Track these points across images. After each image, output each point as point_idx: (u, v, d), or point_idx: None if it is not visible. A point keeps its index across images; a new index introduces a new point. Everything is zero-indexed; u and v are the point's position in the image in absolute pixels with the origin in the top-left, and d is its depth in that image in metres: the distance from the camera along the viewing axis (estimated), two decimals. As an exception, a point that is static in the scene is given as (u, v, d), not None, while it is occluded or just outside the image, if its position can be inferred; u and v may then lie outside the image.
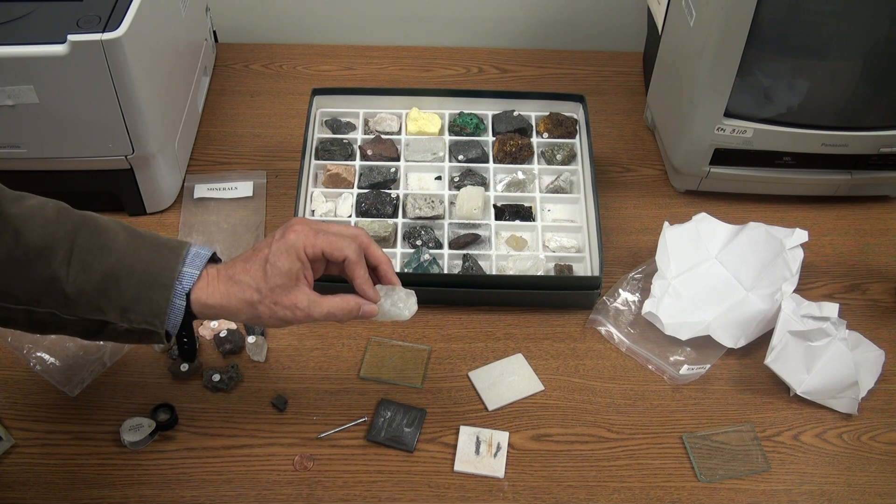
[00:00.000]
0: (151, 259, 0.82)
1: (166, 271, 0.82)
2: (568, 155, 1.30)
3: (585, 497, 0.98)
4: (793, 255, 1.13)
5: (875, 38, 1.10)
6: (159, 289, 0.81)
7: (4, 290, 0.80)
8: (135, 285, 0.81)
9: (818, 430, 1.05)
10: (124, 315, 0.82)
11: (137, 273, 0.81)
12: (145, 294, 0.81)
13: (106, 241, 0.82)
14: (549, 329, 1.14)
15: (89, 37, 1.02)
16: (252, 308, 0.83)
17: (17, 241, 0.79)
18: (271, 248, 0.83)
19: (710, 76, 1.14)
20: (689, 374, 1.09)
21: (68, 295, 0.80)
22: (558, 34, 1.64)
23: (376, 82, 1.49)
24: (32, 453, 1.00)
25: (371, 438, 1.02)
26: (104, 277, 0.81)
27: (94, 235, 0.82)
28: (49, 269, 0.80)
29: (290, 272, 0.83)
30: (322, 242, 0.84)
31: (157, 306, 0.81)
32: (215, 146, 1.36)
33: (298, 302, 0.84)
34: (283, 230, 0.85)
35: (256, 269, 0.83)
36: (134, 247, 0.83)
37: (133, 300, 0.81)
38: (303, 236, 0.84)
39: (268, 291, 0.83)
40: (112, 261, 0.81)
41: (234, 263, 0.85)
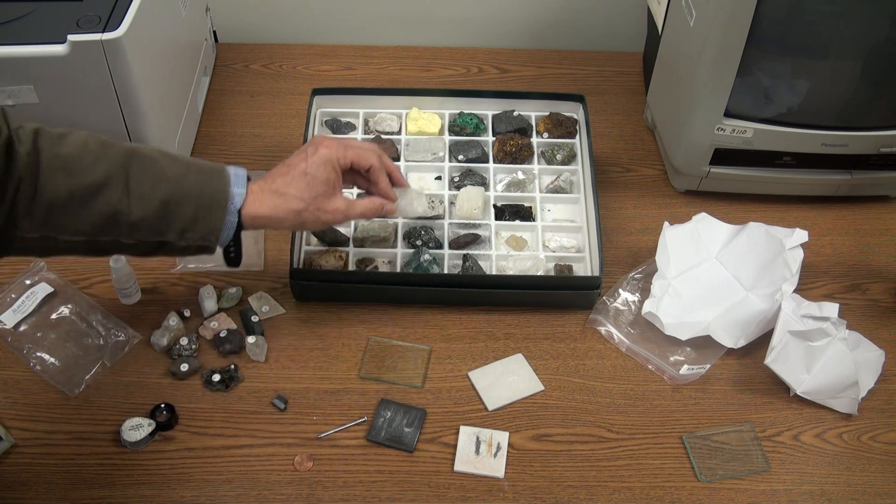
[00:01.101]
0: (202, 183, 0.92)
1: (220, 193, 0.92)
2: (568, 155, 1.30)
3: (585, 497, 0.98)
4: (793, 255, 1.13)
5: (875, 38, 1.10)
6: (215, 210, 0.92)
7: (69, 226, 0.86)
8: (192, 209, 0.90)
9: (818, 430, 1.05)
10: (183, 235, 0.91)
11: (193, 198, 0.91)
12: (202, 215, 0.91)
13: (157, 171, 0.90)
14: (549, 329, 1.14)
15: (89, 37, 1.02)
16: (298, 216, 0.96)
17: (73, 180, 0.85)
18: (308, 162, 0.97)
19: (710, 76, 1.14)
20: (689, 374, 1.09)
21: (131, 223, 0.88)
22: (558, 34, 1.64)
23: (376, 82, 1.49)
24: (32, 453, 1.00)
25: (371, 438, 1.02)
26: (162, 204, 0.89)
27: (145, 166, 0.89)
28: (110, 202, 0.86)
29: (329, 181, 0.98)
30: (351, 155, 1.00)
31: (214, 225, 0.92)
32: (215, 146, 1.36)
33: (338, 206, 0.99)
34: (314, 146, 0.98)
35: (299, 182, 0.96)
36: (183, 173, 0.91)
37: (191, 221, 0.91)
38: (335, 150, 0.98)
39: (311, 200, 0.96)
40: (167, 188, 0.89)
41: (274, 179, 0.97)
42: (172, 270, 1.18)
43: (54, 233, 0.86)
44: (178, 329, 1.10)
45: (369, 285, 1.13)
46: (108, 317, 1.11)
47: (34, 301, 1.12)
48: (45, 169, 0.84)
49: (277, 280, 1.18)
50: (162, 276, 1.17)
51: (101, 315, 1.11)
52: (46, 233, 0.86)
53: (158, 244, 0.91)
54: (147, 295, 1.15)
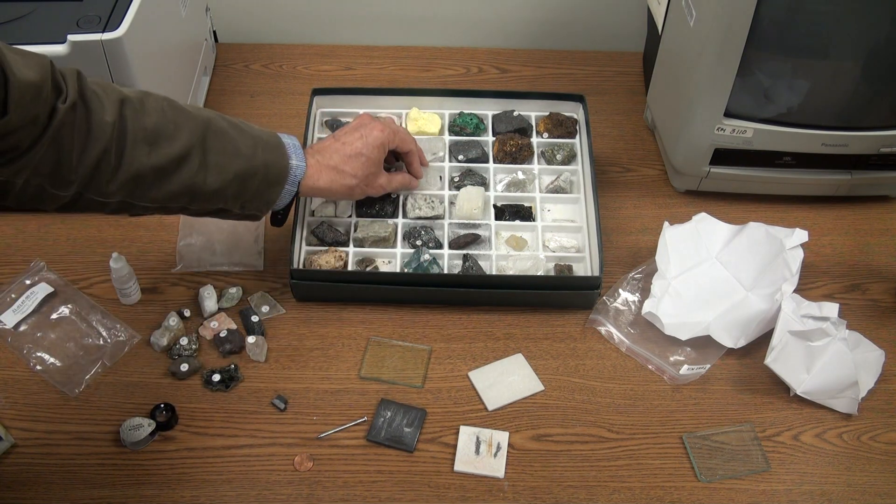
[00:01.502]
0: (269, 159, 0.99)
1: (282, 170, 1.01)
2: (568, 155, 1.30)
3: (585, 497, 0.98)
4: (793, 255, 1.13)
5: (875, 38, 1.10)
6: (276, 185, 1.01)
7: (149, 194, 0.92)
8: (258, 184, 0.99)
9: (818, 430, 1.05)
10: (243, 206, 1.00)
11: (261, 174, 0.99)
12: (264, 189, 1.00)
13: (231, 145, 0.96)
14: (549, 329, 1.14)
15: (89, 37, 1.02)
16: (350, 190, 1.10)
17: (157, 153, 0.90)
18: (365, 142, 1.08)
19: (710, 76, 1.14)
20: (689, 374, 1.09)
21: (206, 194, 0.95)
22: (558, 34, 1.64)
23: (376, 82, 1.49)
24: (32, 453, 1.00)
25: (371, 438, 1.02)
26: (235, 178, 0.96)
27: (220, 138, 0.95)
28: (188, 174, 0.93)
29: (379, 161, 1.11)
30: (398, 140, 1.14)
31: (271, 198, 1.02)
32: (215, 146, 1.36)
33: (382, 182, 1.13)
34: (369, 129, 1.09)
35: (355, 161, 1.08)
36: (253, 148, 0.98)
37: (254, 195, 1.00)
38: (387, 134, 1.10)
39: (363, 178, 1.09)
40: (241, 163, 0.97)
41: (331, 154, 1.07)
42: (172, 270, 1.18)
43: (133, 199, 0.92)
44: (178, 329, 1.10)
45: (369, 285, 1.13)
46: (108, 317, 1.11)
47: (34, 301, 1.12)
48: (130, 141, 0.88)
49: (277, 280, 1.18)
50: (162, 276, 1.17)
51: (101, 315, 1.12)
52: (125, 199, 0.91)
53: (217, 210, 0.99)
54: (147, 295, 1.15)
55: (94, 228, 1.23)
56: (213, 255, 1.20)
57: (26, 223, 1.23)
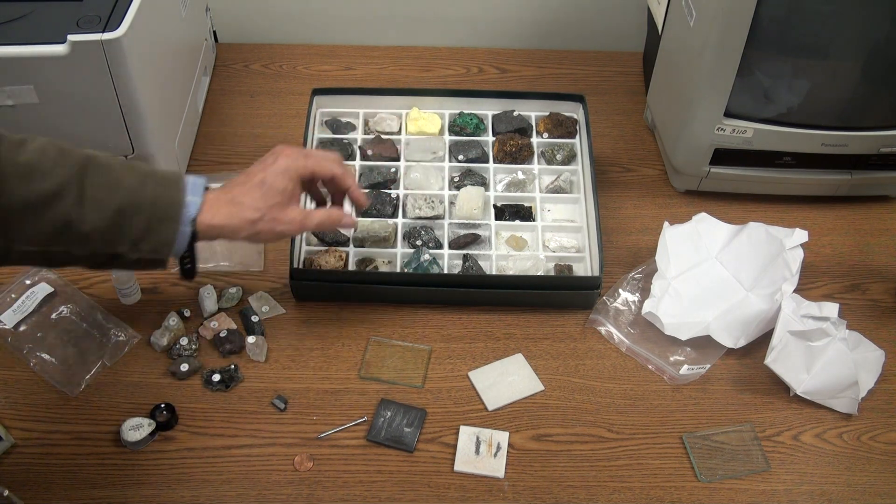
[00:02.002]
0: (158, 194, 0.88)
1: (174, 204, 0.89)
2: (568, 155, 1.30)
3: (585, 497, 0.98)
4: (793, 255, 1.13)
5: (875, 38, 1.10)
6: (168, 221, 0.88)
7: (23, 234, 0.84)
8: (145, 220, 0.87)
9: (818, 430, 1.05)
10: (135, 247, 0.88)
11: (147, 208, 0.87)
12: (155, 227, 0.88)
13: (113, 179, 0.87)
14: (549, 329, 1.14)
15: (89, 37, 1.02)
16: (253, 225, 0.93)
17: (29, 188, 0.82)
18: (266, 171, 0.94)
19: (710, 76, 1.14)
20: (689, 374, 1.09)
21: (84, 233, 0.85)
22: (558, 34, 1.64)
23: (376, 82, 1.49)
24: (32, 453, 1.00)
25: (371, 438, 1.02)
26: (116, 213, 0.86)
27: (101, 174, 0.87)
28: (63, 210, 0.84)
29: (286, 191, 0.94)
30: (311, 164, 0.96)
31: (167, 237, 0.88)
32: (215, 146, 1.36)
33: (294, 217, 0.95)
34: (274, 156, 0.95)
35: (255, 191, 0.93)
36: (140, 182, 0.88)
37: (144, 232, 0.87)
38: (293, 160, 0.95)
39: (266, 210, 0.93)
40: (122, 197, 0.86)
41: (231, 188, 0.94)
42: (172, 270, 1.18)
43: (7, 241, 0.84)
44: (178, 329, 1.10)
45: (369, 285, 1.13)
46: (108, 317, 1.11)
47: (34, 301, 1.12)
48: (3, 175, 0.81)
49: (277, 280, 1.18)
50: (162, 276, 1.17)
51: (101, 315, 1.11)
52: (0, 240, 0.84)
53: (111, 256, 0.88)
54: (147, 295, 1.15)
55: (94, 228, 1.23)
56: (213, 255, 1.20)
57: (26, 223, 1.23)
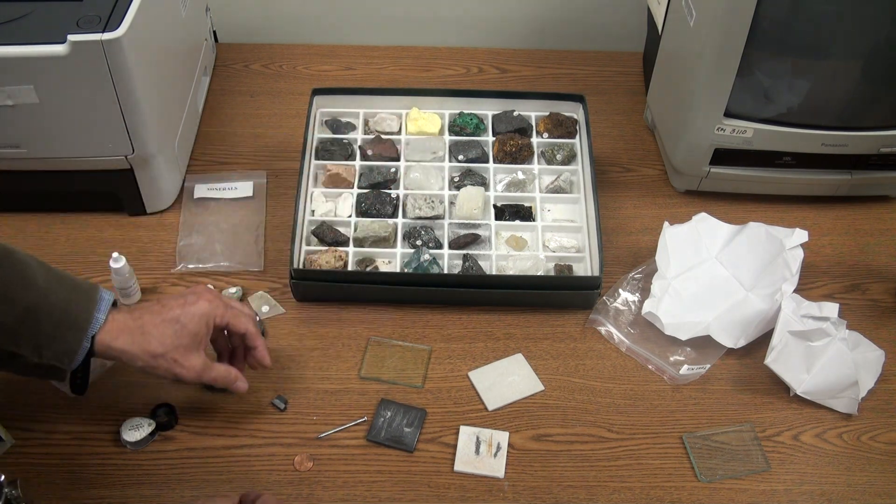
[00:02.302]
0: (70, 300, 0.86)
1: (83, 314, 0.87)
2: (568, 155, 1.30)
3: (585, 497, 0.98)
4: (793, 255, 1.13)
5: (875, 38, 1.10)
6: (75, 331, 0.86)
7: None
8: (53, 324, 0.85)
9: (818, 430, 1.05)
10: (37, 350, 0.85)
11: (57, 313, 0.85)
12: (61, 334, 0.85)
13: (27, 276, 0.85)
14: (549, 329, 1.14)
15: (89, 37, 1.02)
16: (153, 359, 0.90)
17: None
18: (184, 310, 0.92)
19: (710, 76, 1.14)
20: (689, 374, 1.09)
21: None
22: (558, 34, 1.64)
23: (376, 82, 1.49)
24: (32, 453, 1.00)
25: (371, 438, 1.02)
26: (25, 312, 0.84)
27: (15, 269, 0.85)
28: None
29: (197, 335, 0.92)
30: (229, 316, 0.95)
31: (70, 346, 0.86)
32: (215, 146, 1.36)
33: (195, 364, 0.92)
34: (195, 296, 0.93)
35: (167, 327, 0.91)
36: (54, 285, 0.86)
37: (49, 338, 0.85)
38: (214, 307, 0.94)
39: (172, 349, 0.91)
40: (33, 297, 0.84)
41: (142, 315, 0.91)
42: (172, 270, 1.18)
43: None
44: (178, 329, 1.10)
45: (369, 285, 1.13)
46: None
47: (34, 301, 1.11)
48: None
49: (277, 280, 1.18)
50: (162, 276, 1.18)
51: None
52: None
53: (9, 356, 0.85)
54: (147, 295, 1.15)
55: (94, 228, 1.23)
56: (213, 255, 1.20)
57: (26, 223, 1.23)
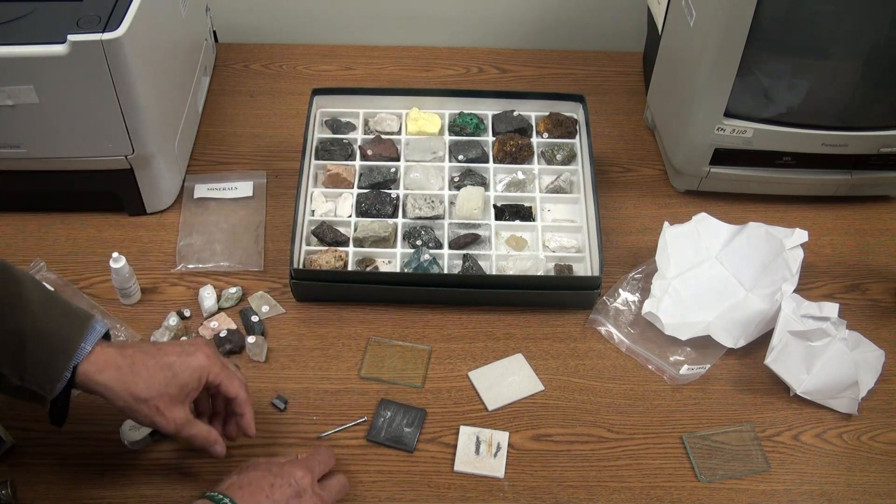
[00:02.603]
0: (61, 326, 0.84)
1: (72, 343, 0.84)
2: (568, 155, 1.30)
3: (585, 497, 0.98)
4: (793, 255, 1.13)
5: (875, 38, 1.10)
6: (62, 358, 0.83)
7: None
8: (40, 349, 0.83)
9: (818, 430, 1.05)
10: (21, 373, 0.83)
11: (46, 338, 0.83)
12: (46, 360, 0.83)
13: (21, 295, 0.84)
14: (549, 329, 1.14)
15: (89, 37, 1.02)
16: (135, 402, 0.86)
17: None
18: (180, 359, 0.88)
19: (710, 76, 1.14)
20: (689, 374, 1.09)
21: None
22: (558, 34, 1.64)
23: (376, 82, 1.49)
24: (32, 453, 1.00)
25: (371, 438, 1.02)
26: (12, 333, 0.82)
27: (8, 288, 0.84)
28: None
29: (186, 387, 0.88)
30: (224, 377, 0.91)
31: (55, 374, 0.83)
32: (215, 146, 1.36)
33: (178, 417, 0.88)
34: (194, 348, 0.90)
35: (158, 372, 0.87)
36: (47, 309, 0.85)
37: (33, 362, 0.82)
38: (211, 363, 0.90)
39: (157, 396, 0.86)
40: (21, 318, 0.82)
41: (135, 354, 0.87)
42: (172, 270, 1.18)
43: None
44: (178, 329, 1.10)
45: (369, 285, 1.13)
46: (108, 317, 1.11)
47: (34, 301, 1.11)
48: None
49: (277, 280, 1.18)
50: (162, 276, 1.18)
51: (102, 315, 1.11)
52: None
53: None
54: (147, 295, 1.15)
55: (94, 228, 1.23)
56: (213, 255, 1.20)
57: (26, 223, 1.23)
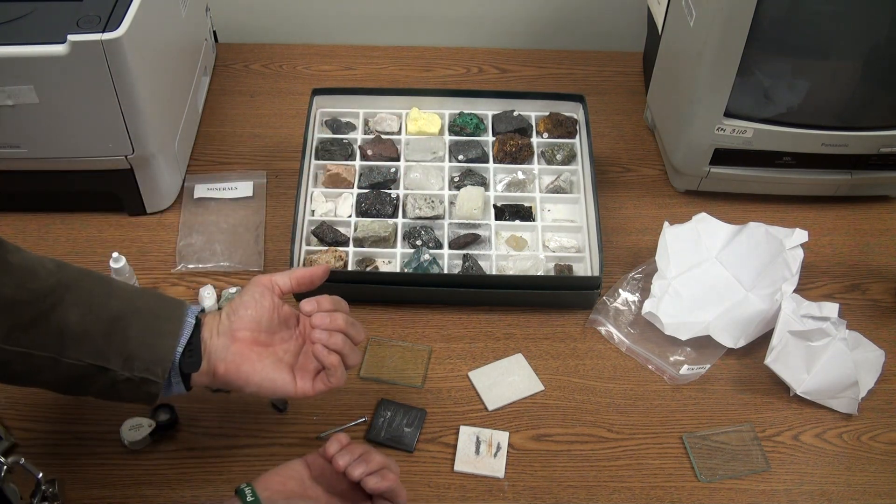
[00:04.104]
0: (158, 306, 0.85)
1: (174, 318, 0.84)
2: (568, 155, 1.30)
3: (585, 497, 0.98)
4: (793, 255, 1.13)
5: (875, 38, 1.10)
6: (167, 335, 0.83)
7: (6, 333, 0.79)
8: (142, 331, 0.83)
9: (818, 430, 1.05)
10: (127, 362, 0.82)
11: (144, 319, 0.83)
12: (150, 341, 0.83)
13: (112, 288, 0.85)
14: (549, 329, 1.14)
15: (89, 37, 1.02)
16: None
17: (22, 286, 0.80)
18: None
19: (710, 76, 1.14)
20: (689, 374, 1.09)
21: (74, 335, 0.80)
22: (558, 34, 1.64)
23: (376, 82, 1.49)
24: (32, 453, 0.99)
25: (371, 438, 1.02)
26: (112, 320, 0.82)
27: (100, 282, 0.85)
28: (55, 311, 0.80)
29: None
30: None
31: (162, 354, 0.83)
32: (215, 146, 1.36)
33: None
34: None
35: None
36: (140, 294, 0.86)
37: (138, 345, 0.82)
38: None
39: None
40: (119, 304, 0.83)
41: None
42: (172, 270, 1.18)
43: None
44: (178, 329, 1.10)
45: (369, 285, 1.13)
46: (108, 317, 1.11)
47: (34, 301, 1.11)
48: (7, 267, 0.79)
49: (277, 280, 1.18)
50: (162, 275, 1.17)
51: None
52: None
53: (98, 371, 0.82)
54: (147, 295, 1.15)
55: (94, 228, 1.23)
56: (213, 255, 1.20)
57: (26, 223, 1.23)
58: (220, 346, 0.86)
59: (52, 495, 0.89)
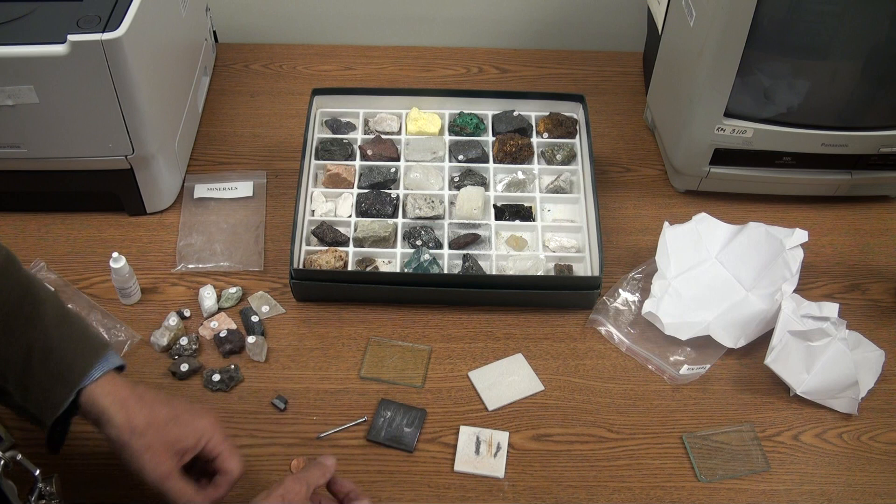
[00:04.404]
0: (72, 351, 0.83)
1: (79, 371, 0.83)
2: (568, 155, 1.30)
3: (585, 497, 0.98)
4: (793, 255, 1.13)
5: (875, 38, 1.10)
6: (65, 386, 0.82)
7: None
8: (45, 372, 0.82)
9: (818, 430, 1.05)
10: (23, 392, 0.82)
11: (53, 362, 0.82)
12: (48, 385, 0.82)
13: (38, 314, 0.83)
14: (549, 329, 1.14)
15: (89, 37, 1.02)
16: (129, 433, 0.83)
17: None
18: (187, 413, 0.86)
19: (710, 76, 1.14)
20: (689, 374, 1.09)
21: None
22: (558, 34, 1.64)
23: (376, 82, 1.49)
24: (32, 453, 0.99)
25: (371, 438, 1.02)
26: (22, 349, 0.81)
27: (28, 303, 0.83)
28: None
29: (183, 442, 0.85)
30: (225, 449, 0.88)
31: (56, 399, 0.82)
32: (215, 146, 1.36)
33: (164, 465, 0.83)
34: (204, 411, 0.88)
35: (162, 412, 0.85)
36: (62, 331, 0.84)
37: (36, 384, 0.82)
38: (215, 431, 0.87)
39: (154, 435, 0.83)
40: (35, 337, 0.82)
41: (145, 392, 0.86)
42: (172, 270, 1.18)
43: None
44: (178, 329, 1.10)
45: (369, 285, 1.13)
46: (108, 317, 1.11)
47: (34, 301, 1.11)
48: None
49: (277, 280, 1.18)
50: (162, 275, 1.18)
51: (101, 315, 1.11)
52: None
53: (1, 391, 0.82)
54: (147, 295, 1.15)
55: (94, 228, 1.23)
56: (213, 255, 1.20)
57: (26, 223, 1.23)
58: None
59: (50, 493, 0.89)
